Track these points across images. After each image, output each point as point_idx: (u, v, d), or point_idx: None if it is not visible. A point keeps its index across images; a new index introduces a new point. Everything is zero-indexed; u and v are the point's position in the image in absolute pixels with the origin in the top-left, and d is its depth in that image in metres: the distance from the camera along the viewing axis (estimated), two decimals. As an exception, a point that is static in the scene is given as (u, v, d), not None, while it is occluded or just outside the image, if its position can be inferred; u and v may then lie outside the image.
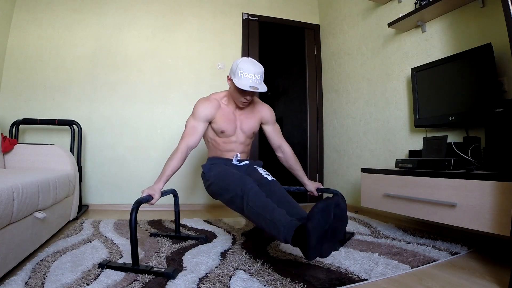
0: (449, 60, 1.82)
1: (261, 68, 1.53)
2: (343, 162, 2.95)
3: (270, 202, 1.22)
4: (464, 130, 1.81)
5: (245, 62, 1.52)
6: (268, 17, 3.23)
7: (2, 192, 1.07)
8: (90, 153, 2.73)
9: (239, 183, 1.33)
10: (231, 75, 1.56)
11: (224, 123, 1.63)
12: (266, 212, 1.16)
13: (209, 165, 1.62)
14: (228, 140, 1.66)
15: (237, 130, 1.67)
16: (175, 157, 1.52)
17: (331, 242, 1.04)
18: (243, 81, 1.48)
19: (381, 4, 2.51)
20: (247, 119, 1.70)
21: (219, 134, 1.65)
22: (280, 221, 1.10)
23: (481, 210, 1.29)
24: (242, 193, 1.28)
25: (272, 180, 1.50)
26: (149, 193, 1.37)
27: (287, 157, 1.79)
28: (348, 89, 2.92)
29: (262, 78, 1.54)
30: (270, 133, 1.80)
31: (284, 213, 1.14)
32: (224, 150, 1.68)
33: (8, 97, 2.57)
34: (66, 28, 2.73)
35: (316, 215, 0.97)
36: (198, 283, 1.12)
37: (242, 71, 1.49)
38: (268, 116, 1.78)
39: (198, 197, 2.89)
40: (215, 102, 1.64)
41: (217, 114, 1.63)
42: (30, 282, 1.08)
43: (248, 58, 1.58)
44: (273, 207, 1.18)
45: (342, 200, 1.06)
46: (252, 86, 1.48)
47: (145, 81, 2.87)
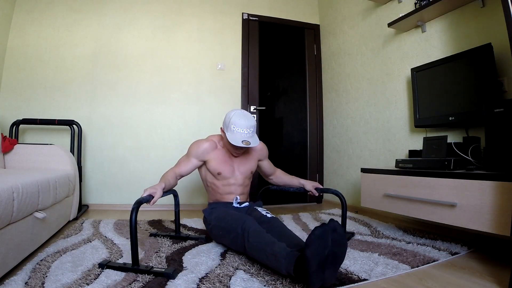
0: (449, 60, 1.82)
1: (253, 122, 1.60)
2: (343, 162, 2.95)
3: (270, 236, 1.23)
4: (464, 130, 1.81)
5: (238, 116, 1.57)
6: (268, 17, 3.23)
7: (2, 192, 1.07)
8: (90, 153, 2.73)
9: (239, 222, 1.36)
10: (224, 128, 1.62)
11: (219, 164, 1.67)
12: (267, 247, 1.17)
13: (210, 209, 1.67)
14: (227, 183, 1.70)
15: (235, 172, 1.72)
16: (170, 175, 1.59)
17: (333, 268, 1.03)
18: (236, 135, 1.55)
19: (381, 4, 2.51)
20: (244, 161, 1.75)
21: (217, 176, 1.69)
22: (280, 254, 1.10)
23: (481, 210, 1.29)
24: (243, 231, 1.31)
25: (272, 217, 1.52)
26: (151, 191, 1.38)
27: (280, 176, 1.93)
28: (348, 89, 2.92)
29: (255, 131, 1.61)
30: (265, 167, 1.89)
31: (284, 245, 1.15)
32: (223, 193, 1.71)
33: (8, 97, 2.57)
34: (66, 28, 2.73)
35: (313, 241, 0.97)
36: (198, 283, 1.12)
37: (235, 126, 1.55)
38: (264, 154, 1.87)
39: (198, 197, 2.89)
40: (212, 143, 1.70)
41: (212, 154, 1.68)
42: (30, 282, 1.08)
43: (240, 111, 1.62)
44: (273, 241, 1.18)
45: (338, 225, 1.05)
46: (244, 141, 1.54)
47: (145, 81, 2.87)
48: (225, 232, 1.43)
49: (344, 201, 1.74)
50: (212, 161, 1.67)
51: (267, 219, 1.49)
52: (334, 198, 3.06)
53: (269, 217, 1.51)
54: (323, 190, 1.81)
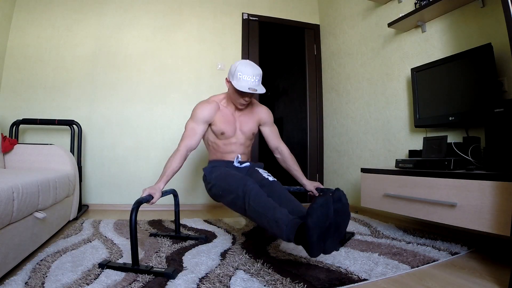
0: (449, 60, 1.82)
1: (259, 70, 1.56)
2: (343, 162, 2.95)
3: (272, 201, 1.21)
4: (464, 130, 1.81)
5: (244, 64, 1.54)
6: (268, 17, 3.23)
7: (2, 192, 1.07)
8: (90, 153, 2.73)
9: (240, 183, 1.33)
10: (230, 77, 1.58)
11: (223, 124, 1.64)
12: (268, 212, 1.16)
13: (210, 168, 1.63)
14: (228, 142, 1.67)
15: (237, 131, 1.68)
16: (175, 159, 1.52)
17: (334, 237, 1.03)
18: (242, 83, 1.51)
19: (381, 4, 2.51)
20: (246, 120, 1.72)
21: (219, 136, 1.66)
22: (282, 220, 1.10)
23: (481, 210, 1.29)
24: (244, 193, 1.28)
25: (273, 180, 1.50)
26: (150, 192, 1.37)
27: (285, 158, 1.81)
28: (348, 89, 2.92)
29: (261, 80, 1.56)
30: (268, 134, 1.82)
31: (286, 212, 1.14)
32: (224, 152, 1.68)
33: (8, 97, 2.57)
34: (66, 28, 2.73)
35: (315, 210, 0.96)
36: (198, 283, 1.12)
37: (241, 73, 1.51)
38: (266, 117, 1.80)
39: (198, 197, 2.89)
40: (214, 104, 1.66)
41: (216, 115, 1.64)
42: (30, 282, 1.08)
43: (246, 60, 1.60)
44: (274, 207, 1.17)
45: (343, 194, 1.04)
46: (251, 87, 1.50)
47: (145, 81, 2.87)
48: (225, 193, 1.41)
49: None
50: (216, 121, 1.64)
51: (269, 182, 1.47)
52: (334, 198, 3.05)
53: (270, 180, 1.49)
54: (323, 190, 1.80)
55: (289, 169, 1.82)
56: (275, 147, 1.83)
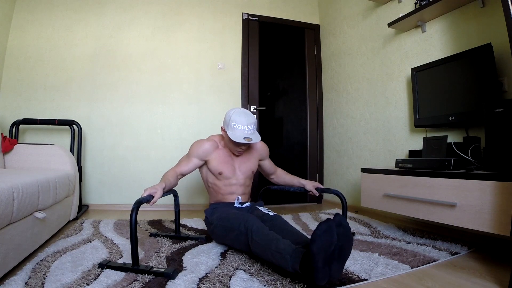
0: (449, 60, 1.82)
1: (254, 119, 1.60)
2: (343, 162, 2.95)
3: (274, 234, 1.22)
4: (464, 130, 1.81)
5: (238, 114, 1.58)
6: (268, 17, 3.23)
7: (2, 192, 1.07)
8: (90, 153, 2.73)
9: (241, 220, 1.35)
10: (225, 127, 1.62)
11: (220, 164, 1.67)
12: (271, 244, 1.16)
13: (211, 209, 1.66)
14: (228, 183, 1.70)
15: (236, 171, 1.72)
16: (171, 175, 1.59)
17: (339, 262, 1.01)
18: (237, 132, 1.55)
19: (381, 4, 2.51)
20: (245, 160, 1.75)
21: (218, 176, 1.69)
22: (286, 250, 1.09)
23: (481, 210, 1.29)
24: (246, 229, 1.30)
25: (274, 215, 1.51)
26: (150, 192, 1.37)
27: (281, 175, 1.93)
28: (348, 89, 2.92)
29: (255, 128, 1.61)
30: (266, 166, 1.90)
31: (289, 242, 1.14)
32: (225, 193, 1.71)
33: (8, 97, 2.57)
34: (66, 28, 2.73)
35: (319, 237, 0.96)
36: (198, 283, 1.12)
37: (235, 123, 1.55)
38: (265, 153, 1.87)
39: (198, 197, 2.89)
40: (213, 142, 1.70)
41: (213, 154, 1.68)
42: (30, 282, 1.08)
43: (240, 109, 1.64)
44: (277, 238, 1.17)
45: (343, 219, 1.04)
46: (246, 137, 1.54)
47: (145, 81, 2.87)
48: (228, 231, 1.43)
49: (345, 201, 1.74)
50: (213, 160, 1.67)
51: (270, 217, 1.48)
52: (334, 198, 3.06)
53: (271, 215, 1.50)
54: (323, 190, 1.81)
55: (287, 183, 1.92)
56: (271, 173, 1.93)
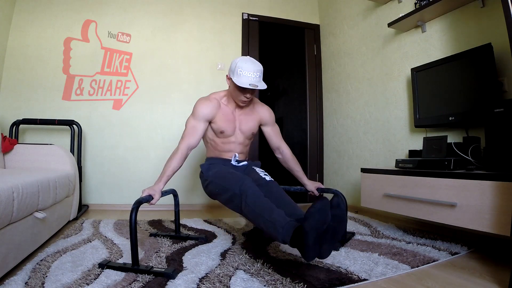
0: (449, 60, 1.82)
1: (260, 66, 1.54)
2: (343, 162, 2.95)
3: (269, 202, 1.21)
4: (464, 130, 1.80)
5: (244, 60, 1.53)
6: (268, 17, 3.23)
7: (2, 192, 1.07)
8: (90, 153, 2.73)
9: (237, 182, 1.33)
10: (230, 74, 1.56)
11: (223, 123, 1.62)
12: (265, 212, 1.16)
13: (208, 165, 1.63)
14: (227, 141, 1.66)
15: (236, 130, 1.67)
16: (175, 157, 1.52)
17: (330, 243, 1.02)
18: (243, 79, 1.49)
19: (381, 4, 2.51)
20: (246, 119, 1.70)
21: (218, 134, 1.65)
22: (278, 222, 1.09)
23: (481, 210, 1.29)
24: (241, 192, 1.28)
25: (270, 180, 1.50)
26: (150, 193, 1.37)
27: (286, 158, 1.79)
28: (348, 89, 2.92)
29: (261, 76, 1.55)
30: (269, 134, 1.80)
31: (283, 213, 1.14)
32: (222, 150, 1.67)
33: (8, 97, 2.57)
34: (66, 28, 2.73)
35: (313, 214, 0.96)
36: (198, 283, 1.12)
37: (241, 70, 1.49)
38: (267, 117, 1.78)
39: (198, 197, 2.89)
40: (215, 102, 1.64)
41: (217, 113, 1.63)
42: (30, 282, 1.08)
43: (247, 56, 1.59)
44: (271, 207, 1.17)
45: (342, 201, 1.04)
46: (251, 84, 1.48)
47: (145, 81, 2.87)
48: (222, 190, 1.40)
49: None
50: (217, 120, 1.62)
51: (265, 182, 1.46)
52: (334, 198, 3.05)
53: (267, 180, 1.48)
54: (323, 190, 1.80)
55: (290, 169, 1.81)
56: (276, 147, 1.81)
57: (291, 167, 1.79)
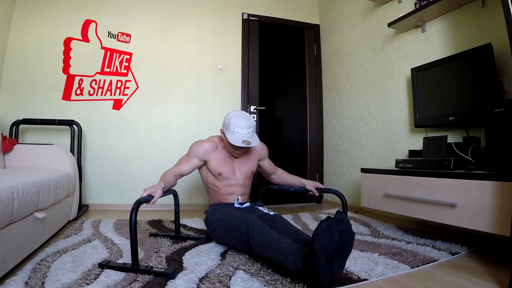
0: (449, 60, 1.82)
1: (253, 122, 1.61)
2: (343, 162, 2.95)
3: (275, 233, 1.22)
4: (464, 130, 1.81)
5: (237, 117, 1.58)
6: (268, 17, 3.23)
7: (2, 192, 1.07)
8: (90, 153, 2.73)
9: (242, 220, 1.35)
10: (224, 129, 1.63)
11: (220, 165, 1.68)
12: (273, 243, 1.16)
13: (212, 210, 1.66)
14: (228, 183, 1.70)
15: (236, 172, 1.72)
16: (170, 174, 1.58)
17: (341, 259, 1.02)
18: (236, 136, 1.56)
19: (381, 4, 2.51)
20: (244, 161, 1.76)
21: (217, 176, 1.69)
22: (287, 249, 1.09)
23: (481, 210, 1.29)
24: (247, 229, 1.30)
25: (274, 214, 1.52)
26: (150, 192, 1.38)
27: (282, 175, 1.93)
28: (348, 89, 2.92)
29: (254, 131, 1.62)
30: (266, 166, 1.90)
31: (291, 241, 1.14)
32: (225, 194, 1.71)
33: (8, 97, 2.57)
34: (66, 28, 2.73)
35: (320, 235, 0.96)
36: (198, 283, 1.12)
37: (234, 126, 1.56)
38: (264, 153, 1.87)
39: (198, 197, 2.89)
40: (212, 143, 1.70)
41: (213, 154, 1.69)
42: (30, 282, 1.08)
43: (239, 111, 1.64)
44: (279, 237, 1.18)
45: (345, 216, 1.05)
46: (244, 140, 1.55)
47: (145, 81, 2.87)
48: (229, 231, 1.43)
49: (345, 201, 1.74)
50: (212, 161, 1.68)
51: (270, 217, 1.49)
52: (334, 198, 3.06)
53: (271, 215, 1.51)
54: (323, 190, 1.81)
55: (287, 183, 1.92)
56: (271, 172, 1.93)
57: (288, 180, 1.92)
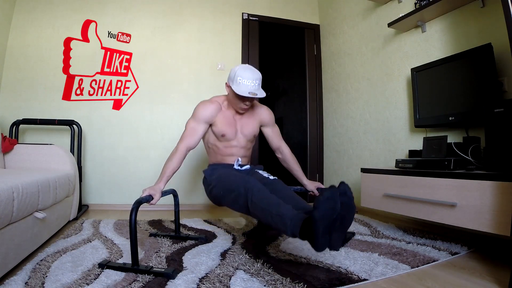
0: (449, 60, 1.82)
1: (259, 74, 1.56)
2: (343, 162, 2.95)
3: (275, 197, 1.20)
4: (464, 130, 1.80)
5: (243, 68, 1.54)
6: (268, 17, 3.23)
7: (2, 192, 1.07)
8: (90, 153, 2.73)
9: (241, 181, 1.32)
10: (230, 82, 1.57)
11: (224, 126, 1.63)
12: (272, 207, 1.14)
13: (211, 170, 1.63)
14: (229, 145, 1.66)
15: (238, 133, 1.67)
16: (174, 158, 1.53)
17: (340, 231, 0.99)
18: (242, 87, 1.50)
19: (381, 4, 2.51)
20: (247, 122, 1.70)
21: (220, 138, 1.65)
22: (286, 215, 1.08)
23: (481, 210, 1.29)
24: (246, 191, 1.26)
25: (274, 179, 1.50)
26: (150, 192, 1.37)
27: (286, 158, 1.81)
28: (348, 89, 2.92)
29: (260, 84, 1.56)
30: (269, 135, 1.82)
31: (290, 207, 1.12)
32: (225, 155, 1.68)
33: (8, 97, 2.57)
34: (66, 28, 2.73)
35: (322, 203, 0.93)
36: (198, 283, 1.12)
37: (241, 78, 1.50)
38: (268, 118, 1.80)
39: (198, 197, 2.89)
40: (216, 104, 1.65)
41: (218, 116, 1.64)
42: (30, 282, 1.08)
43: (246, 64, 1.59)
44: (278, 202, 1.15)
45: (349, 188, 1.02)
46: (251, 92, 1.49)
47: (145, 81, 2.87)
48: (226, 192, 1.39)
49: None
50: (218, 123, 1.63)
51: (270, 181, 1.47)
52: (334, 198, 3.05)
53: (271, 179, 1.49)
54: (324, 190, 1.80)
55: (290, 169, 1.82)
56: (276, 147, 1.83)
57: (291, 166, 1.81)
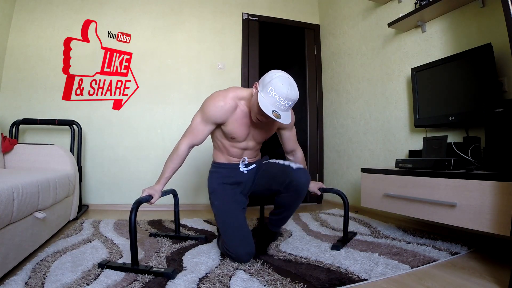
0: (449, 60, 1.82)
1: (296, 96, 1.28)
2: (343, 162, 2.95)
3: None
4: (464, 130, 1.81)
5: (282, 79, 1.27)
6: (268, 17, 3.23)
7: (2, 192, 1.07)
8: (90, 153, 2.73)
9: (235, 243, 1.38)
10: (260, 86, 1.32)
11: (236, 129, 1.45)
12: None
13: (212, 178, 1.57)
14: (237, 145, 1.53)
15: (248, 137, 1.52)
16: (176, 157, 1.46)
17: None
18: (269, 100, 1.26)
19: (381, 4, 2.51)
20: (263, 129, 1.53)
21: (228, 138, 1.51)
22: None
23: (481, 210, 1.29)
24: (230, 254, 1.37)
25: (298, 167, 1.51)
26: (149, 192, 1.37)
27: (297, 161, 1.73)
28: (348, 89, 2.92)
29: (291, 106, 1.30)
30: (286, 137, 1.67)
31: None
32: (231, 155, 1.56)
33: (8, 97, 2.57)
34: (66, 28, 2.73)
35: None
36: (198, 283, 1.12)
37: (273, 89, 1.25)
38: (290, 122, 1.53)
39: (198, 197, 2.89)
40: (232, 103, 1.43)
41: (231, 117, 1.43)
42: (30, 282, 1.09)
43: (287, 75, 1.31)
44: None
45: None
46: (275, 111, 1.25)
47: (145, 81, 2.87)
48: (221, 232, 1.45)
49: (347, 201, 1.72)
50: (229, 124, 1.44)
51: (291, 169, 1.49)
52: (334, 198, 3.06)
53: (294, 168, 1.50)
54: (325, 190, 1.79)
55: None
56: (290, 150, 1.72)
57: None
